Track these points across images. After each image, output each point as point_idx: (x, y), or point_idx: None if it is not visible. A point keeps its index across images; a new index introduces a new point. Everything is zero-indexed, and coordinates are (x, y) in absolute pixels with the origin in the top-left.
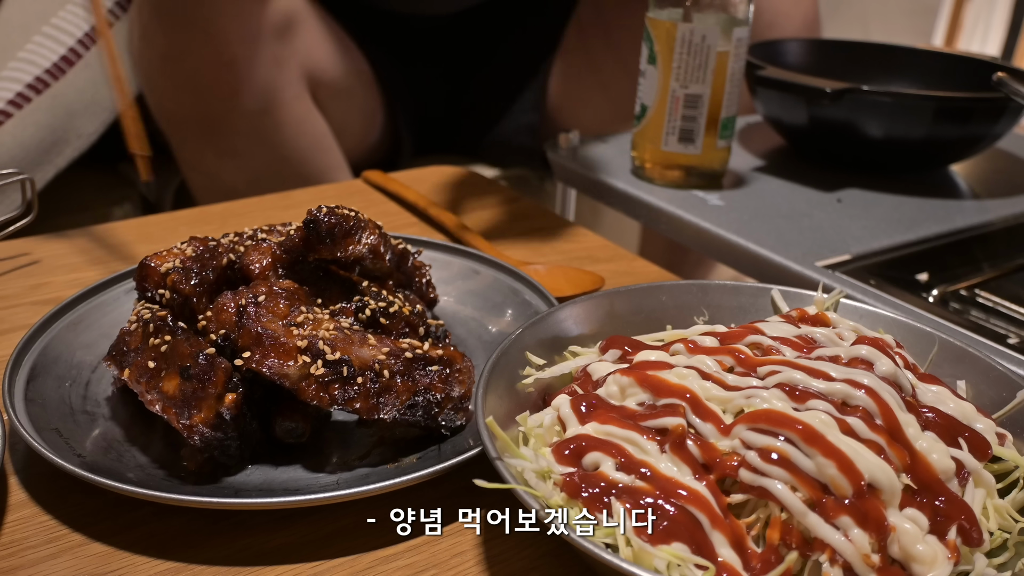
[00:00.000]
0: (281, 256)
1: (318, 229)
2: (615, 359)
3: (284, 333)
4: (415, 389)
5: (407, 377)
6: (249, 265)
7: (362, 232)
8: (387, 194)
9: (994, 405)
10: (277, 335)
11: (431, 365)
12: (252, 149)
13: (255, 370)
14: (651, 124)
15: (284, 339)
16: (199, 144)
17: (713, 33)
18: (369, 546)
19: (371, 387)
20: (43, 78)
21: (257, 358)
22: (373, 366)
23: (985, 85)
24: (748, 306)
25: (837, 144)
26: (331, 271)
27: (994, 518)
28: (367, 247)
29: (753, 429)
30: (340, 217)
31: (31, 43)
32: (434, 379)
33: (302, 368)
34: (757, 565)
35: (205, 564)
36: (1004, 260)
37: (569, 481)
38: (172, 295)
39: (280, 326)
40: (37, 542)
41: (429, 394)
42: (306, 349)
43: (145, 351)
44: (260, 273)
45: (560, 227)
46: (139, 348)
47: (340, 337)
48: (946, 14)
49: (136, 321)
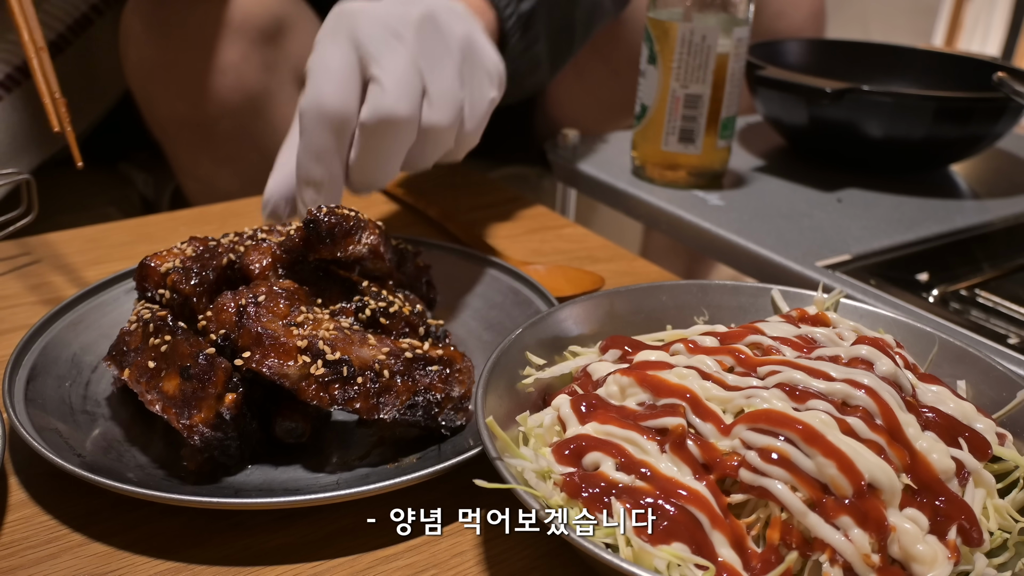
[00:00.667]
0: (281, 256)
1: (318, 229)
2: (615, 359)
3: (284, 333)
4: (415, 389)
5: (407, 377)
6: (249, 265)
7: (362, 232)
8: (386, 194)
9: (994, 405)
10: (277, 335)
11: (431, 365)
12: (247, 154)
13: (255, 370)
14: (651, 124)
15: (284, 339)
16: (194, 151)
17: (713, 33)
18: (369, 546)
19: (371, 387)
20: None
21: (257, 358)
22: (373, 366)
23: (985, 85)
24: (748, 306)
25: (837, 144)
26: (331, 271)
27: (994, 518)
28: (367, 247)
29: (753, 429)
30: (340, 217)
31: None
32: (434, 379)
33: (302, 368)
34: (757, 565)
35: (205, 564)
36: (1004, 260)
37: (569, 481)
38: (172, 295)
39: (280, 326)
40: (37, 542)
41: (429, 394)
42: (306, 349)
43: (145, 351)
44: (260, 273)
45: (560, 227)
46: (139, 348)
47: (340, 337)
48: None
49: (136, 321)
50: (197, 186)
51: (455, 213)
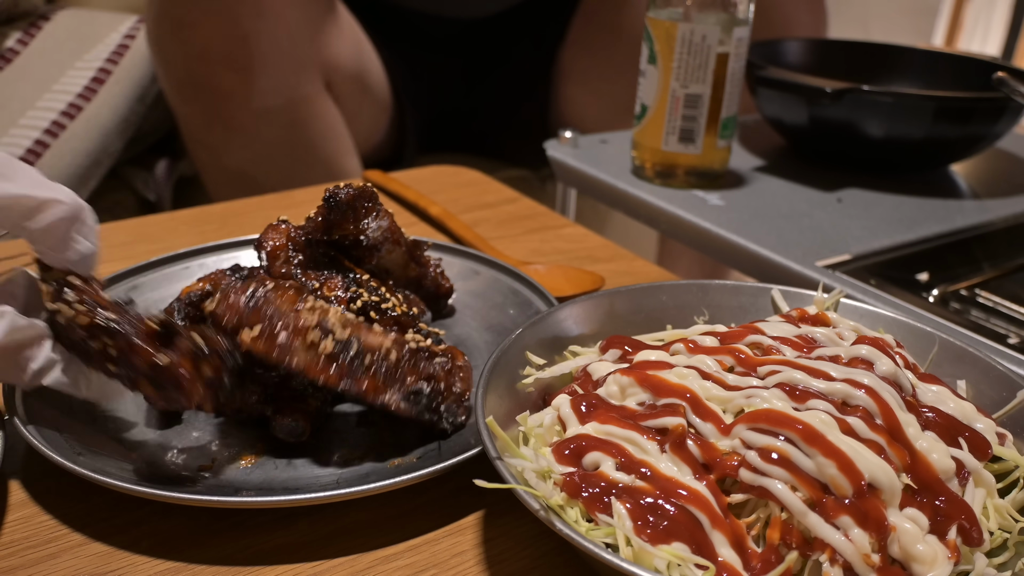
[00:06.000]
0: (296, 238)
1: (338, 201)
2: (615, 359)
3: (293, 313)
4: (420, 376)
5: (413, 363)
6: (264, 243)
7: (379, 207)
8: (387, 194)
9: (994, 405)
10: (287, 312)
11: (435, 357)
12: (261, 126)
13: (262, 351)
14: (651, 124)
15: (293, 317)
16: (207, 117)
17: (713, 33)
18: (369, 546)
19: (379, 367)
20: (76, 103)
21: (268, 333)
22: (380, 348)
23: (985, 85)
24: (748, 306)
25: (837, 144)
26: (338, 260)
27: (994, 518)
28: (386, 225)
29: (753, 429)
30: (359, 191)
31: (64, 76)
32: (438, 369)
33: (311, 346)
34: (757, 565)
35: (205, 564)
36: (1004, 260)
37: (569, 481)
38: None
39: (290, 307)
40: (37, 542)
41: (434, 382)
42: (316, 326)
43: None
44: (272, 252)
45: (560, 227)
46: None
47: (349, 320)
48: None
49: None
50: (207, 155)
51: (455, 213)
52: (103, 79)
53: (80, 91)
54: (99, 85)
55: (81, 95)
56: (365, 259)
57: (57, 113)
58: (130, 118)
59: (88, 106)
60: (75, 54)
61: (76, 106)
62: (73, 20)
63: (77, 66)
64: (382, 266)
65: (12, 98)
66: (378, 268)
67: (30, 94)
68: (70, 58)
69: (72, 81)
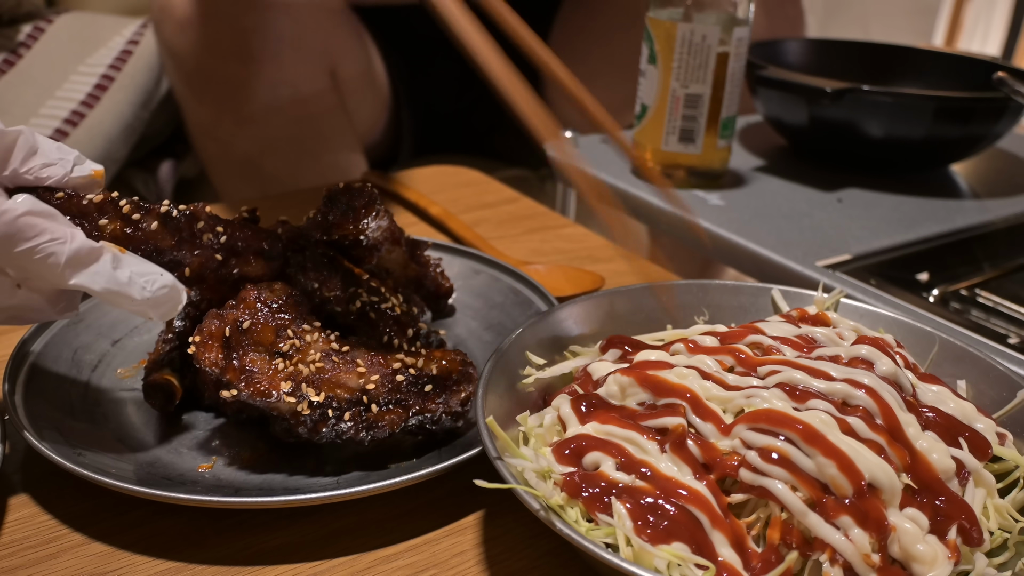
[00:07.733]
0: (294, 238)
1: (337, 200)
2: (615, 359)
3: (270, 371)
4: (407, 414)
5: (398, 404)
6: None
7: (380, 209)
8: (387, 194)
9: (994, 405)
10: (261, 376)
11: (425, 384)
12: (269, 117)
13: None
14: (651, 124)
15: (268, 381)
16: (216, 109)
17: (713, 33)
18: (369, 546)
19: (360, 422)
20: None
21: (246, 395)
22: (361, 399)
23: (985, 85)
24: (748, 306)
25: (837, 144)
26: (338, 261)
27: (994, 518)
28: (385, 225)
29: (753, 429)
30: (359, 190)
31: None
32: (427, 401)
33: (290, 406)
34: (757, 565)
35: (205, 564)
36: (1004, 260)
37: (569, 481)
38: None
39: (265, 361)
40: (37, 542)
41: (423, 415)
42: (291, 392)
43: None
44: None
45: (560, 227)
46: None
47: (325, 368)
48: (946, 14)
49: None
50: (215, 148)
51: (455, 213)
52: (106, 85)
53: (83, 98)
54: (102, 92)
55: (84, 102)
56: (365, 259)
57: (60, 121)
58: (134, 124)
59: (91, 113)
60: (78, 58)
61: (79, 113)
62: (76, 23)
63: (80, 71)
64: (382, 266)
65: (15, 103)
66: (378, 268)
67: (33, 100)
68: (73, 63)
69: (75, 87)
